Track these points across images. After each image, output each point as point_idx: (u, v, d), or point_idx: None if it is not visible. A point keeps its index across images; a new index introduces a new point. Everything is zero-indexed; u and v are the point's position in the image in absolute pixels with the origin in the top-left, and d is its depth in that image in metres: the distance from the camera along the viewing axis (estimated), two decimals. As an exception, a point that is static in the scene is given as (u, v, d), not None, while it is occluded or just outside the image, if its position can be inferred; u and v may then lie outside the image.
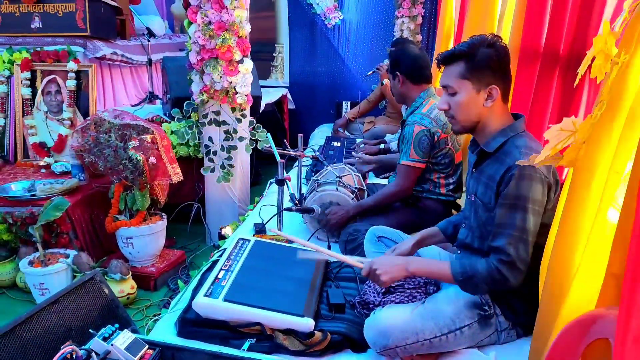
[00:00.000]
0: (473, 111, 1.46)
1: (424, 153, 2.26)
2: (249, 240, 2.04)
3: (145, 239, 2.73)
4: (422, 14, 5.00)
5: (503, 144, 1.44)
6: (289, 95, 5.44)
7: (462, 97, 1.46)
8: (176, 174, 2.69)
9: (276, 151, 2.44)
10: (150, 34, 4.07)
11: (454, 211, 2.40)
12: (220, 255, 2.07)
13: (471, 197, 1.56)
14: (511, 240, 1.35)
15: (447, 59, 1.49)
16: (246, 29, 3.08)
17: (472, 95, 1.44)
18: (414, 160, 2.27)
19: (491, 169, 1.45)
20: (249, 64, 3.13)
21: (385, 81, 4.16)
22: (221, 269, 1.78)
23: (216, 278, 1.71)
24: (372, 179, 3.15)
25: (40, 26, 3.54)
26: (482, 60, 1.42)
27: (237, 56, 3.06)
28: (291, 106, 5.50)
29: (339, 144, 3.82)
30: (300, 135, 2.92)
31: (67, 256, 2.60)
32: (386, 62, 4.24)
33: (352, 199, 2.38)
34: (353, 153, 3.19)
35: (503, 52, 1.43)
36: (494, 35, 1.45)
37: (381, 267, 1.48)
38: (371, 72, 4.40)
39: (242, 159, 3.37)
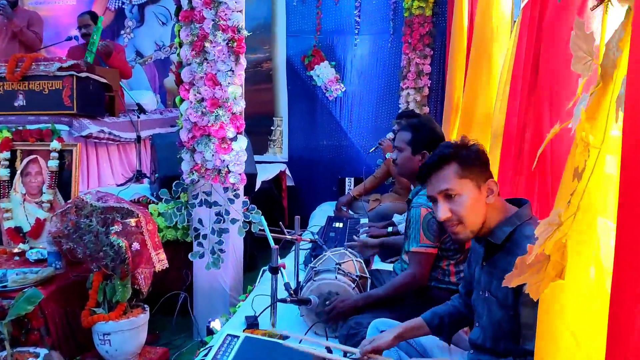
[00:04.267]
0: (479, 210, 1.47)
1: (434, 237, 2.26)
2: (238, 337, 2.01)
3: (124, 335, 2.69)
4: (429, 85, 5.18)
5: (511, 234, 1.45)
6: (287, 171, 5.54)
7: (466, 198, 1.47)
8: (160, 261, 2.70)
9: (270, 235, 2.45)
10: (141, 109, 4.24)
11: None
12: (206, 355, 2.04)
13: (484, 294, 1.54)
14: None
15: (435, 165, 1.52)
16: (241, 105, 3.20)
17: (475, 193, 1.48)
18: (425, 246, 2.26)
19: (504, 262, 1.44)
20: (243, 142, 3.22)
21: (389, 155, 4.24)
22: (205, 372, 1.74)
23: (199, 383, 1.68)
24: (377, 265, 3.13)
25: (24, 104, 3.70)
26: (472, 156, 1.49)
27: (231, 134, 3.16)
28: (290, 183, 5.59)
29: (341, 225, 3.83)
30: (297, 217, 2.94)
31: (37, 355, 2.54)
32: (389, 136, 4.34)
33: (353, 288, 2.36)
34: (354, 237, 3.18)
35: (481, 149, 1.53)
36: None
37: None
38: (374, 148, 4.51)
39: (235, 243, 3.39)
